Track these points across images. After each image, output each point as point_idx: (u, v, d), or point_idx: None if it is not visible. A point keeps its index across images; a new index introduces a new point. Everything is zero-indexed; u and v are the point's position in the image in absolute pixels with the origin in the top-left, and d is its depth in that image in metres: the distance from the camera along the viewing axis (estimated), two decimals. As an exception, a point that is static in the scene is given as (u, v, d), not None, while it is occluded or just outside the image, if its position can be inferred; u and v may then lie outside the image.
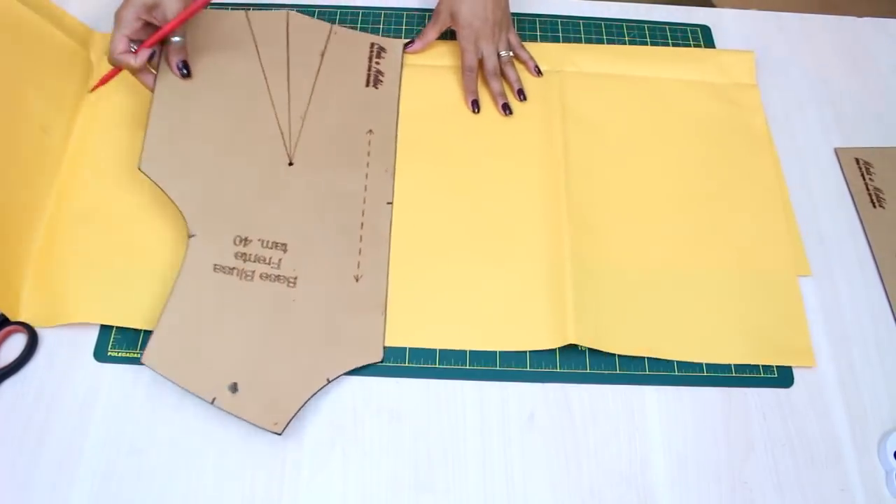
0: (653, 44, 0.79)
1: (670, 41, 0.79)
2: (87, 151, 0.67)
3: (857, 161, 0.71)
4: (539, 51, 0.76)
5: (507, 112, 0.71)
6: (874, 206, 0.68)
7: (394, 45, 0.74)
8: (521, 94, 0.73)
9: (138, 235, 0.62)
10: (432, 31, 0.74)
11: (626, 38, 0.79)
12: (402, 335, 0.59)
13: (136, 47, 0.61)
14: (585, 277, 0.61)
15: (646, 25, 0.80)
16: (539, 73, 0.75)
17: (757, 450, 0.56)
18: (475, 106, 0.71)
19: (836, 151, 0.72)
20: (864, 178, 0.70)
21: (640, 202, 0.67)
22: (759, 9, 0.81)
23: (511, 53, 0.74)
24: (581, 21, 0.80)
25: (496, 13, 0.72)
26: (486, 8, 0.71)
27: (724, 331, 0.61)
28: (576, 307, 0.60)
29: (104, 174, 0.65)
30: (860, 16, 0.82)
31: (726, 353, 0.60)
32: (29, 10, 0.66)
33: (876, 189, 0.69)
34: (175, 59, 0.64)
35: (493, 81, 0.72)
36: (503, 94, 0.72)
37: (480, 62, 0.73)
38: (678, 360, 0.59)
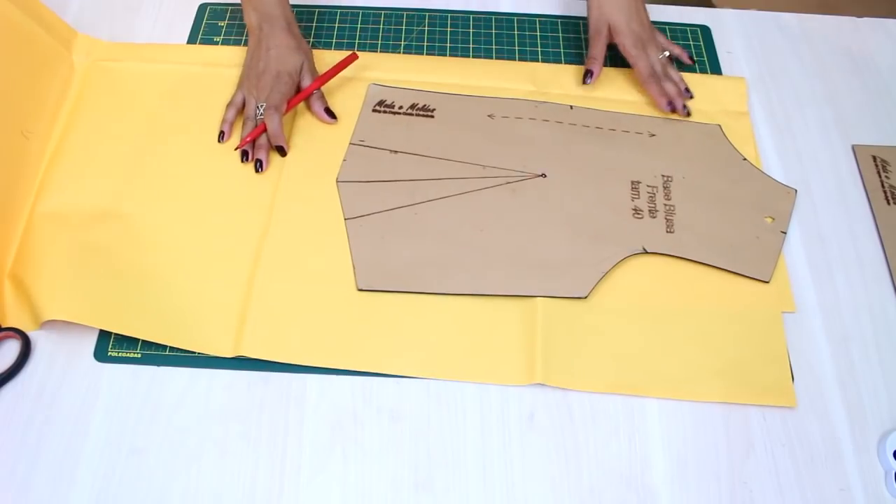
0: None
1: (670, 41, 0.79)
2: (66, 154, 0.66)
3: (875, 158, 0.71)
4: (527, 71, 0.74)
5: (687, 112, 0.70)
6: (889, 204, 0.68)
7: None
8: (688, 92, 0.72)
9: (115, 238, 0.61)
10: (599, 48, 0.71)
11: (626, 39, 0.79)
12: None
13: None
14: (557, 310, 0.60)
15: (646, 25, 0.79)
16: (692, 60, 0.74)
17: (757, 450, 0.56)
18: (671, 107, 0.70)
19: (854, 148, 0.71)
20: (880, 176, 0.69)
21: None
22: (759, 9, 0.81)
23: (667, 53, 0.73)
24: (581, 21, 0.80)
25: (646, 16, 0.71)
26: (639, 13, 0.70)
27: (702, 368, 0.58)
28: (545, 342, 0.58)
29: (81, 177, 0.65)
30: (860, 16, 0.82)
31: (704, 391, 0.58)
32: (17, 9, 0.64)
33: (891, 187, 0.69)
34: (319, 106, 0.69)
35: (668, 84, 0.71)
36: (681, 94, 0.71)
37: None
38: (653, 397, 0.57)
